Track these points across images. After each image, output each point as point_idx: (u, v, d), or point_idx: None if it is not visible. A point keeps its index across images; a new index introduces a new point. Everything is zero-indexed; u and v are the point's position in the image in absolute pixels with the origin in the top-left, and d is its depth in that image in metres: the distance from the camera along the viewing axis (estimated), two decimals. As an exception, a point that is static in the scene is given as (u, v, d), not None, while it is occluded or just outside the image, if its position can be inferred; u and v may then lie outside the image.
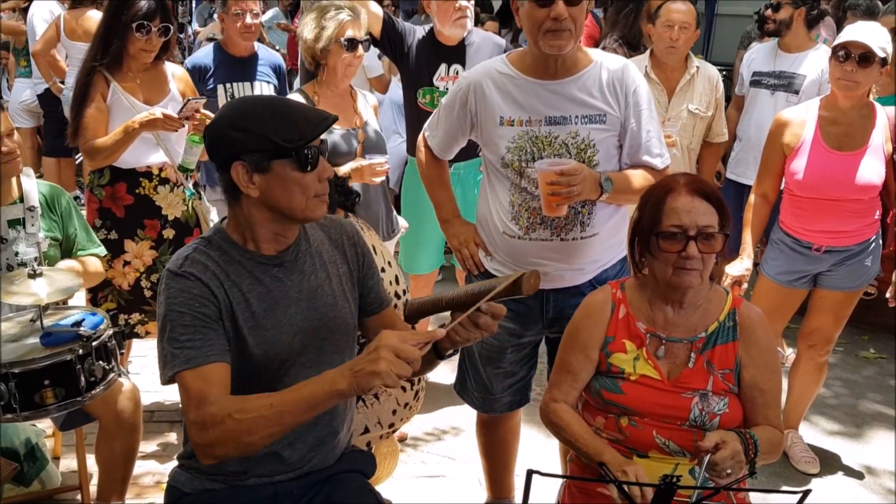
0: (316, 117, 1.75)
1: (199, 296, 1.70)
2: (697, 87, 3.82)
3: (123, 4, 3.06)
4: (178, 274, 1.72)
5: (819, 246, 3.11)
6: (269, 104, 1.78)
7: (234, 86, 3.85)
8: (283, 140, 1.68)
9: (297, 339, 1.81)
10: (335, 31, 2.94)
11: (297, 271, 1.83)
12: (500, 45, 3.59)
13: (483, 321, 1.69)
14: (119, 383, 2.58)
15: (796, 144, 3.04)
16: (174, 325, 1.69)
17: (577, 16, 2.25)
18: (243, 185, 1.69)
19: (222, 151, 1.71)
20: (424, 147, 2.72)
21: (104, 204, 3.23)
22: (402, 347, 1.52)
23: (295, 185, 1.70)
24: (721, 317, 2.07)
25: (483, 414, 2.82)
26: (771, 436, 1.99)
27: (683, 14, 3.69)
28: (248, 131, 1.68)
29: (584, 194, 2.29)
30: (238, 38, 3.84)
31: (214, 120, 1.76)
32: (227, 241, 1.79)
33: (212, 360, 1.68)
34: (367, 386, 1.54)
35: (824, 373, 3.46)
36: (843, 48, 2.87)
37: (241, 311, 1.74)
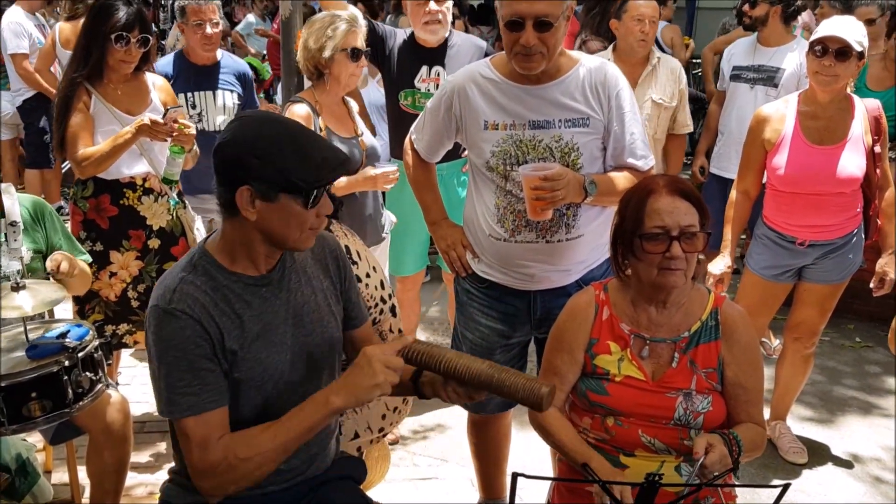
0: (334, 160, 1.73)
1: (192, 336, 1.68)
2: (660, 78, 3.90)
3: (102, 16, 3.05)
4: (167, 312, 1.69)
5: (803, 240, 3.14)
6: (293, 138, 1.70)
7: (195, 95, 3.81)
8: (299, 179, 1.66)
9: (287, 359, 1.82)
10: (341, 41, 2.96)
11: (283, 289, 1.83)
12: (480, 48, 3.61)
13: (478, 396, 1.77)
14: (107, 395, 2.57)
15: (777, 140, 3.06)
16: (171, 370, 1.68)
17: (549, 39, 2.25)
18: (243, 208, 1.68)
19: (233, 172, 1.68)
20: (411, 150, 2.73)
21: (88, 216, 3.22)
22: (390, 359, 1.66)
23: (294, 219, 1.71)
24: (703, 316, 2.09)
25: (474, 415, 2.84)
26: (754, 434, 2.01)
27: (651, 8, 3.80)
28: (265, 161, 1.65)
29: (569, 198, 2.30)
30: (199, 48, 3.80)
31: (232, 139, 1.70)
32: (213, 264, 1.77)
33: (212, 407, 1.69)
34: (367, 398, 1.66)
35: (811, 364, 3.49)
36: (819, 43, 2.90)
37: (232, 339, 1.73)
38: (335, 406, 1.67)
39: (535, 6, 2.21)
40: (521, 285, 2.53)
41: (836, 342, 4.64)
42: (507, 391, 1.67)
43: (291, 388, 1.82)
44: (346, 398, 1.66)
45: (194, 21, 3.72)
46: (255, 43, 9.72)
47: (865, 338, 4.68)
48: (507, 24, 2.26)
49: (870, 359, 4.45)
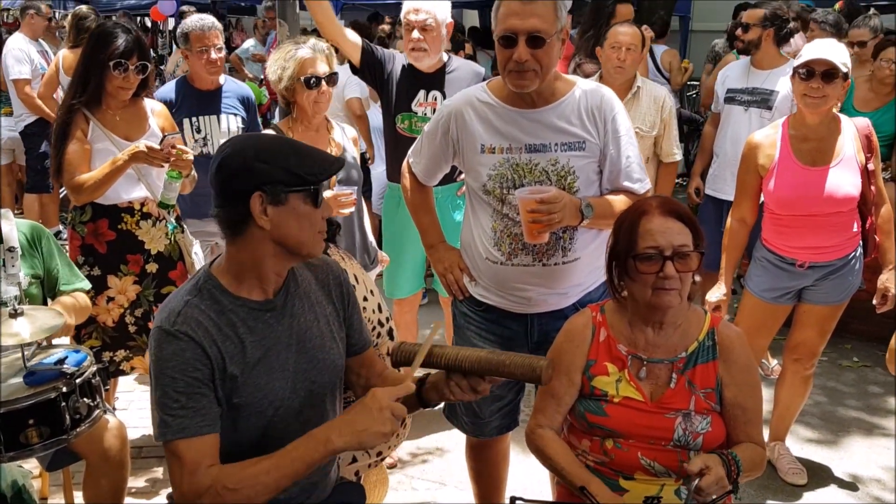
0: (329, 156, 1.83)
1: (192, 359, 1.69)
2: (641, 106, 3.92)
3: (101, 43, 3.08)
4: (170, 333, 1.70)
5: (802, 262, 3.15)
6: (286, 141, 1.86)
7: (199, 119, 3.85)
8: (306, 173, 1.72)
9: (289, 385, 1.82)
10: (296, 70, 2.97)
11: (287, 315, 1.84)
12: (479, 74, 3.65)
13: (482, 388, 1.78)
14: (105, 420, 2.56)
15: (770, 165, 3.08)
16: (166, 390, 1.69)
17: (542, 56, 2.27)
18: (258, 216, 1.70)
19: (243, 182, 1.70)
20: (409, 174, 2.74)
21: (86, 241, 3.23)
22: (395, 406, 1.66)
23: (306, 219, 1.74)
24: (700, 336, 2.09)
25: (473, 438, 2.82)
26: (753, 454, 2.01)
27: (629, 36, 3.83)
28: (271, 163, 1.70)
29: (565, 221, 2.31)
30: (203, 73, 3.85)
31: (234, 153, 1.74)
32: (218, 287, 1.78)
33: (204, 432, 1.69)
34: (372, 444, 1.67)
35: (810, 385, 3.49)
36: (805, 66, 2.93)
37: (234, 364, 1.74)
38: (335, 447, 1.65)
39: (527, 22, 2.23)
40: (518, 308, 2.53)
41: (836, 362, 4.63)
42: (508, 370, 1.72)
43: (292, 414, 1.82)
44: (348, 440, 1.64)
45: (198, 47, 3.76)
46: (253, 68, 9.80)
47: (863, 357, 4.68)
48: (501, 40, 2.28)
49: (871, 379, 4.44)
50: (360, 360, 2.03)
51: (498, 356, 1.73)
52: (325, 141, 3.16)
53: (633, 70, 3.86)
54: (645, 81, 4.01)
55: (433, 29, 3.45)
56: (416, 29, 3.45)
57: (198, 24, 3.79)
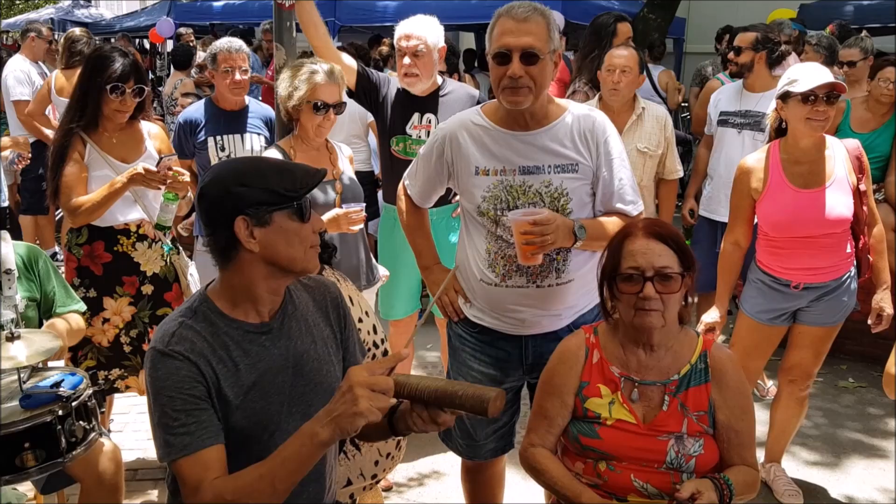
0: (311, 169, 1.81)
1: (187, 377, 1.69)
2: (646, 127, 3.95)
3: (99, 67, 3.11)
4: (164, 353, 1.70)
5: (797, 283, 3.16)
6: (264, 161, 1.87)
7: (224, 138, 3.94)
8: (286, 190, 1.72)
9: (285, 408, 1.81)
10: (307, 93, 2.98)
11: (283, 337, 1.83)
12: (473, 97, 3.68)
13: (442, 419, 1.69)
14: (100, 443, 2.56)
15: (763, 188, 3.10)
16: (165, 409, 1.68)
17: (537, 74, 2.30)
18: (245, 240, 1.71)
19: (224, 209, 1.71)
20: (404, 196, 2.77)
21: (82, 262, 3.24)
22: (374, 381, 1.54)
23: (294, 235, 1.74)
24: (693, 359, 2.11)
25: (468, 461, 2.82)
26: (746, 476, 2.02)
27: (624, 59, 3.86)
28: (250, 185, 1.70)
29: (559, 242, 2.33)
30: (228, 93, 3.96)
31: (213, 179, 1.75)
32: (214, 310, 1.78)
33: (207, 444, 1.68)
34: (351, 429, 1.55)
35: (805, 406, 3.49)
36: (811, 93, 2.94)
37: (229, 386, 1.73)
38: (321, 438, 1.57)
39: (521, 39, 2.27)
40: (513, 330, 2.54)
41: (831, 382, 4.64)
42: (458, 401, 1.65)
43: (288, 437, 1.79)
44: (331, 430, 1.55)
45: (224, 67, 3.89)
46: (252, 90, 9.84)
47: (859, 378, 4.68)
48: (495, 58, 2.31)
49: (868, 400, 4.44)
50: None
51: (452, 387, 1.67)
52: (325, 161, 3.18)
53: (629, 92, 3.89)
54: (647, 102, 4.04)
55: (424, 55, 3.49)
56: (408, 55, 3.49)
57: (226, 45, 3.95)
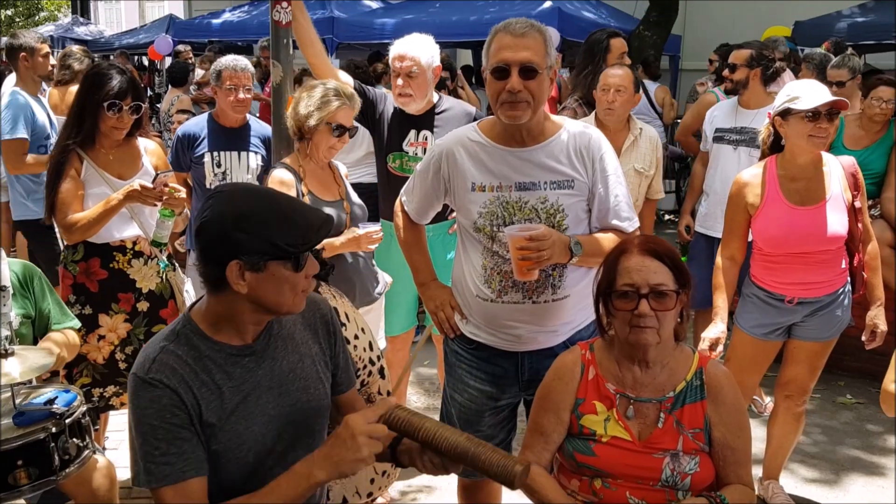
0: (317, 220, 1.77)
1: (168, 405, 1.67)
2: (641, 148, 3.99)
3: (96, 84, 3.12)
4: (145, 381, 1.68)
5: (791, 298, 3.16)
6: (273, 206, 1.73)
7: (221, 154, 3.93)
8: (287, 244, 1.69)
9: (271, 429, 1.79)
10: (327, 114, 3.01)
11: (268, 358, 1.82)
12: (469, 113, 3.69)
13: (453, 469, 1.76)
14: (94, 460, 2.55)
15: (759, 203, 3.11)
16: (147, 438, 1.67)
17: (535, 88, 2.32)
18: (234, 282, 1.69)
19: (220, 250, 1.68)
20: (401, 212, 2.77)
21: (78, 279, 3.24)
22: (373, 429, 1.63)
23: (286, 283, 1.72)
24: (688, 376, 2.10)
25: (464, 479, 2.81)
26: (742, 495, 2.01)
27: (619, 78, 3.88)
28: (251, 234, 1.67)
29: (555, 258, 2.33)
30: (230, 111, 3.95)
31: (214, 218, 1.70)
32: (197, 332, 1.77)
33: (188, 477, 1.67)
34: (351, 473, 1.64)
35: (802, 422, 3.48)
36: (814, 111, 2.94)
37: (211, 411, 1.72)
38: (318, 480, 1.64)
39: (519, 54, 2.29)
40: (509, 346, 2.54)
41: (829, 399, 4.63)
42: (482, 466, 1.67)
43: (276, 458, 1.80)
44: (329, 472, 1.63)
45: (228, 85, 3.89)
46: (249, 106, 9.86)
47: (857, 394, 4.67)
48: (494, 72, 2.32)
49: (866, 416, 4.43)
50: (344, 399, 2.01)
51: (475, 447, 1.67)
52: (331, 179, 3.22)
53: (624, 111, 3.90)
54: (643, 124, 4.07)
55: (418, 76, 3.51)
56: (401, 76, 3.51)
57: (231, 63, 3.93)
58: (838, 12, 8.82)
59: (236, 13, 12.71)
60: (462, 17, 10.03)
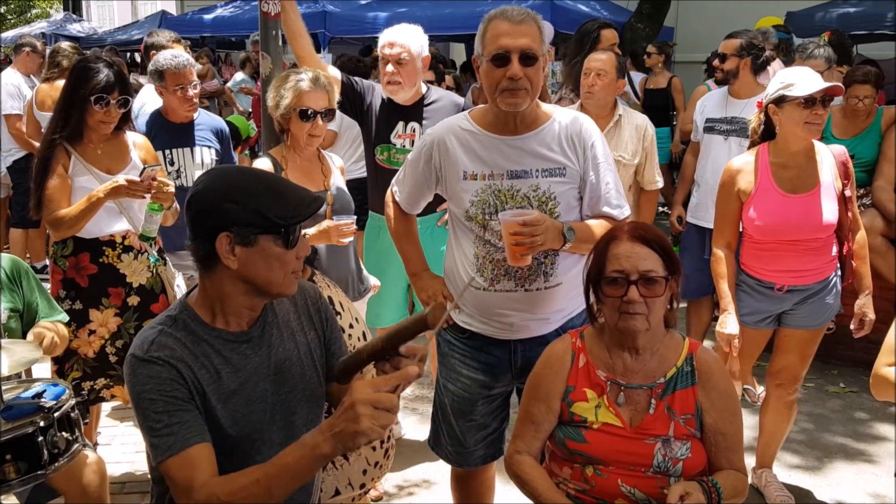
0: (307, 196, 1.77)
1: (168, 379, 1.67)
2: (623, 135, 3.93)
3: (83, 78, 3.09)
4: (144, 360, 1.68)
5: (781, 286, 3.16)
6: (264, 179, 1.78)
7: (172, 152, 3.83)
8: (276, 217, 1.69)
9: (267, 416, 1.79)
10: (293, 101, 2.97)
11: (264, 345, 1.82)
12: (458, 104, 3.67)
13: (405, 364, 1.66)
14: (84, 455, 2.54)
15: (751, 191, 3.10)
16: (147, 413, 1.67)
17: (533, 76, 2.32)
18: (224, 256, 1.68)
19: (210, 221, 1.68)
20: (392, 202, 2.76)
21: (68, 274, 3.22)
22: (378, 398, 1.50)
23: (276, 260, 1.71)
24: (679, 362, 2.10)
25: (457, 469, 2.81)
26: (734, 480, 2.01)
27: (601, 62, 3.83)
28: (242, 204, 1.67)
29: (548, 244, 2.33)
30: (180, 109, 3.82)
31: (204, 189, 1.72)
32: (194, 318, 1.77)
33: (192, 443, 1.65)
34: (352, 446, 1.53)
35: (794, 410, 3.48)
36: (811, 98, 2.93)
37: (210, 393, 1.72)
38: (323, 451, 1.55)
39: (519, 41, 2.29)
40: (502, 335, 2.54)
41: (822, 388, 4.64)
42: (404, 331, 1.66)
43: (272, 446, 1.79)
44: (333, 445, 1.54)
45: (174, 85, 3.72)
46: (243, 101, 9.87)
47: (850, 383, 4.68)
48: (493, 59, 2.31)
49: (857, 405, 4.44)
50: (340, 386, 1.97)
51: (395, 328, 1.69)
52: (317, 171, 3.18)
53: (604, 96, 3.84)
54: (626, 110, 4.03)
55: (407, 63, 3.49)
56: (391, 63, 3.48)
57: (172, 62, 3.70)
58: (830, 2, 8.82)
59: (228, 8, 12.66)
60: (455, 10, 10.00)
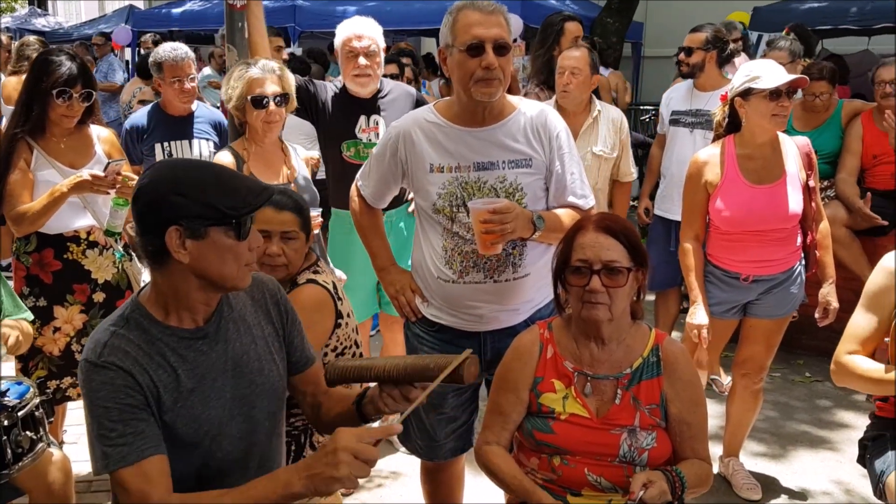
0: (257, 186, 1.74)
1: (123, 386, 1.62)
2: (601, 130, 3.98)
3: (44, 71, 3.05)
4: (97, 365, 1.63)
5: (747, 276, 3.20)
6: (211, 170, 1.72)
7: (171, 144, 3.86)
8: (226, 208, 1.65)
9: (226, 411, 1.77)
10: (243, 89, 2.97)
11: (220, 340, 1.78)
12: (411, 94, 3.70)
13: (413, 395, 1.72)
14: (49, 454, 2.51)
15: (718, 182, 3.13)
16: (101, 420, 1.63)
17: (506, 65, 2.34)
18: (174, 251, 1.64)
19: (159, 216, 1.63)
20: (357, 197, 2.75)
21: (31, 271, 3.17)
22: (361, 448, 1.52)
23: (228, 252, 1.67)
24: (645, 353, 2.12)
25: (427, 462, 2.81)
26: (698, 469, 2.04)
27: (574, 60, 3.87)
28: (190, 197, 1.63)
29: (518, 232, 2.33)
30: (176, 101, 3.88)
31: (151, 182, 1.67)
32: (147, 317, 1.72)
33: (147, 454, 1.63)
34: (325, 491, 1.55)
35: (760, 399, 3.53)
36: (777, 90, 2.96)
37: (167, 394, 1.68)
38: (294, 490, 1.56)
39: (492, 30, 2.30)
40: (471, 327, 2.55)
41: (788, 377, 4.71)
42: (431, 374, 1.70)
43: (232, 441, 1.78)
44: (305, 484, 1.55)
45: (171, 77, 3.79)
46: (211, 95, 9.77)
47: (815, 372, 4.76)
48: (468, 50, 2.30)
49: (821, 393, 4.52)
50: (305, 377, 1.98)
51: (422, 361, 1.73)
52: (279, 161, 3.16)
53: (580, 93, 3.89)
54: (603, 105, 4.08)
55: (376, 55, 3.48)
56: (362, 55, 3.45)
57: (171, 54, 3.81)
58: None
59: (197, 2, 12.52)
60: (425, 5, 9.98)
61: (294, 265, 2.51)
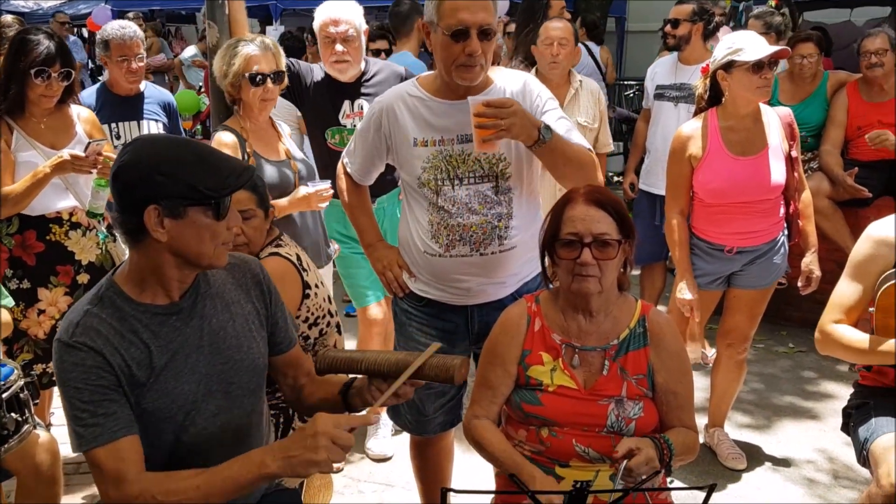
0: (238, 166, 1.74)
1: (94, 367, 1.64)
2: (582, 101, 4.02)
3: (21, 50, 2.99)
4: (69, 345, 1.65)
5: (731, 247, 3.22)
6: (192, 149, 1.72)
7: (119, 125, 3.76)
8: (207, 189, 1.65)
9: (202, 387, 1.77)
10: (241, 66, 2.93)
11: (196, 316, 1.78)
12: (399, 73, 3.58)
13: (402, 390, 1.75)
14: (35, 435, 2.50)
15: (702, 156, 3.14)
16: (73, 402, 1.64)
17: (488, 50, 2.32)
18: (153, 229, 1.64)
19: (137, 194, 1.63)
20: (344, 174, 2.74)
21: (14, 253, 3.14)
22: (339, 434, 1.55)
23: (206, 231, 1.68)
24: (631, 324, 2.13)
25: (416, 436, 2.83)
26: (685, 437, 2.05)
27: (561, 31, 3.89)
28: (170, 176, 1.62)
29: (515, 131, 2.24)
30: (123, 81, 3.77)
31: (130, 161, 1.66)
32: (120, 294, 1.72)
33: (119, 436, 1.64)
34: (302, 473, 1.57)
35: (744, 370, 3.57)
36: (759, 63, 2.96)
37: (140, 370, 1.69)
38: (269, 471, 1.58)
39: (477, 16, 2.27)
40: (458, 300, 2.55)
41: (772, 348, 4.76)
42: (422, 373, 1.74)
43: (208, 417, 1.78)
44: (281, 465, 1.57)
45: (118, 56, 3.68)
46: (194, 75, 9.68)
47: (799, 344, 4.81)
48: (453, 35, 2.27)
49: (805, 364, 4.58)
50: (286, 359, 1.99)
51: (414, 358, 1.75)
52: (275, 138, 3.14)
53: (568, 64, 3.93)
54: (583, 77, 4.09)
55: (355, 39, 3.38)
56: (339, 41, 3.35)
57: (118, 32, 3.67)
58: (778, -30, 8.90)
59: (176, -19, 12.36)
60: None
61: (255, 243, 2.53)
